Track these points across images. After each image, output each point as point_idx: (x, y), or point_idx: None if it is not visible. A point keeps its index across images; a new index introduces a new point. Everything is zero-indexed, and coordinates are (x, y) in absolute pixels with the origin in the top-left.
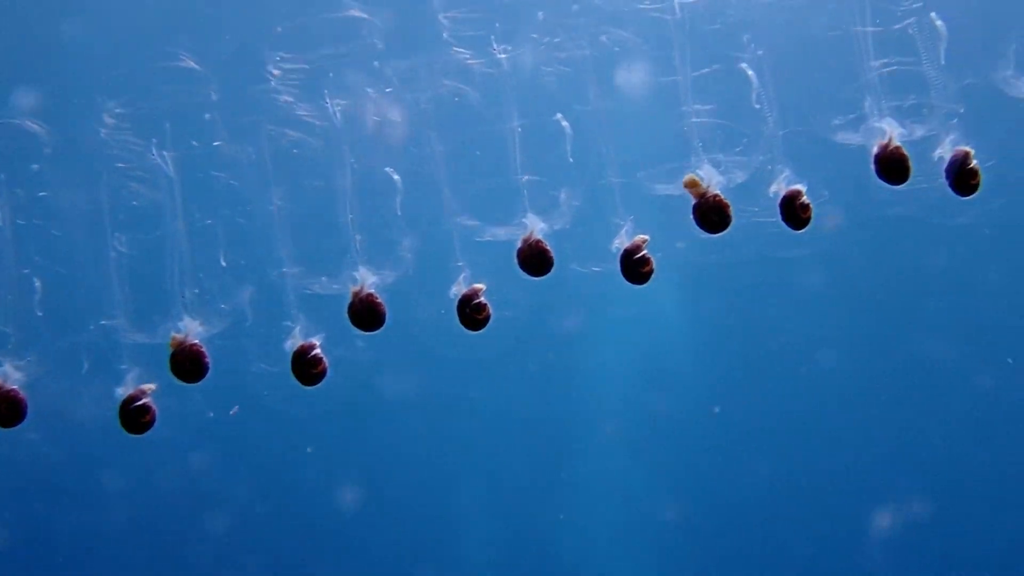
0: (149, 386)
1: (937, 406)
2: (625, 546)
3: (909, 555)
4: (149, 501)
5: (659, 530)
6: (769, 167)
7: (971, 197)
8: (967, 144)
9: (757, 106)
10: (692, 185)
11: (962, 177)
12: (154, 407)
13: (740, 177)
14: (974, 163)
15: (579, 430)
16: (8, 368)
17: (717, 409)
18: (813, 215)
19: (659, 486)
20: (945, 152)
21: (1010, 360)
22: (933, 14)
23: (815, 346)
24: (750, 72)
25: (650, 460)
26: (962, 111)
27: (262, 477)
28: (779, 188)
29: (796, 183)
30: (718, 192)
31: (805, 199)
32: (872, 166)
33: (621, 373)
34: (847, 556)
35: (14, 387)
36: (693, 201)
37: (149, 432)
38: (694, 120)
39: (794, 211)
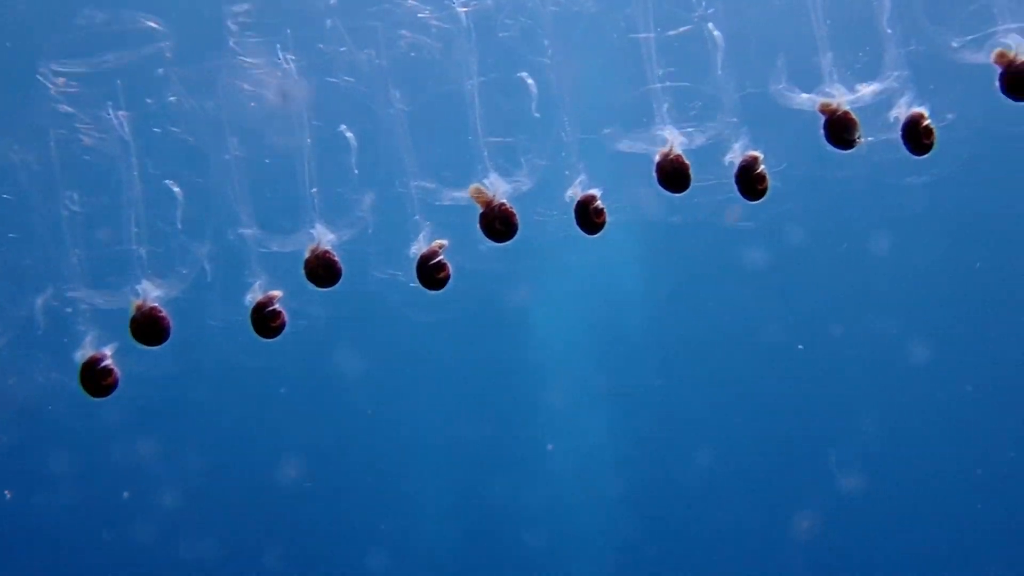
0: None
1: (879, 381)
2: (575, 521)
3: (849, 528)
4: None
5: (608, 504)
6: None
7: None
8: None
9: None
10: (477, 194)
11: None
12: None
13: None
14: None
15: (531, 400)
16: None
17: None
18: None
19: (608, 460)
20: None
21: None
22: (711, 25)
23: (762, 323)
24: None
25: (601, 433)
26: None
27: (214, 445)
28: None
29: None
30: (504, 201)
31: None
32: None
33: (573, 340)
34: (789, 530)
35: None
36: (480, 210)
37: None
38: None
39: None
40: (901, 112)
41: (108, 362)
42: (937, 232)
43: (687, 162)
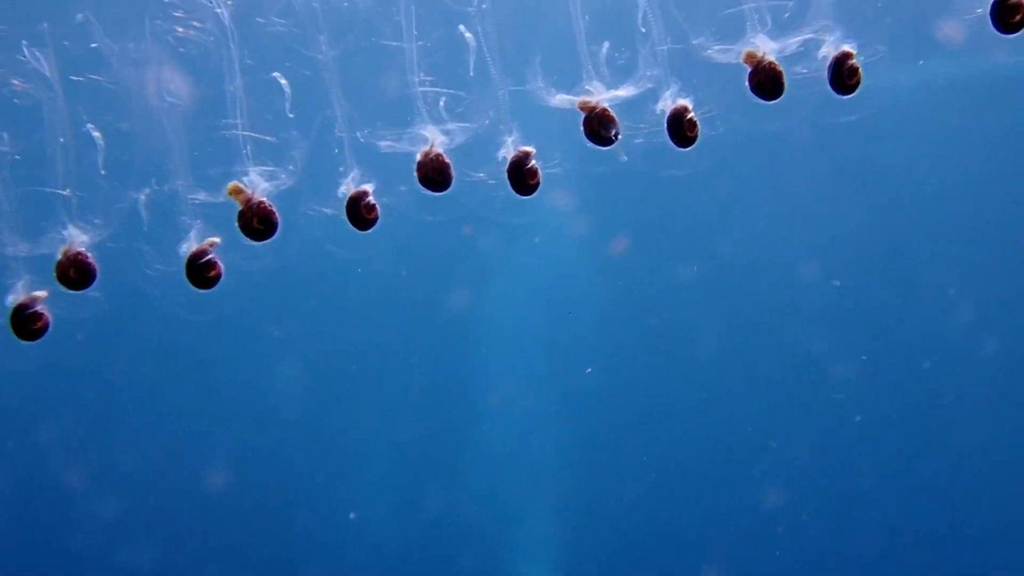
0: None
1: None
2: (522, 512)
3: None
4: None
5: (551, 512)
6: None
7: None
8: None
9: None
10: (235, 192)
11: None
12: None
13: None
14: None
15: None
16: None
17: (589, 369)
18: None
19: (553, 466)
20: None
21: (864, 357)
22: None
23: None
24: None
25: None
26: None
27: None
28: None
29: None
30: (263, 199)
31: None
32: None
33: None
34: (737, 520)
35: None
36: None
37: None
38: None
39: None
40: (667, 104)
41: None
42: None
43: (447, 161)
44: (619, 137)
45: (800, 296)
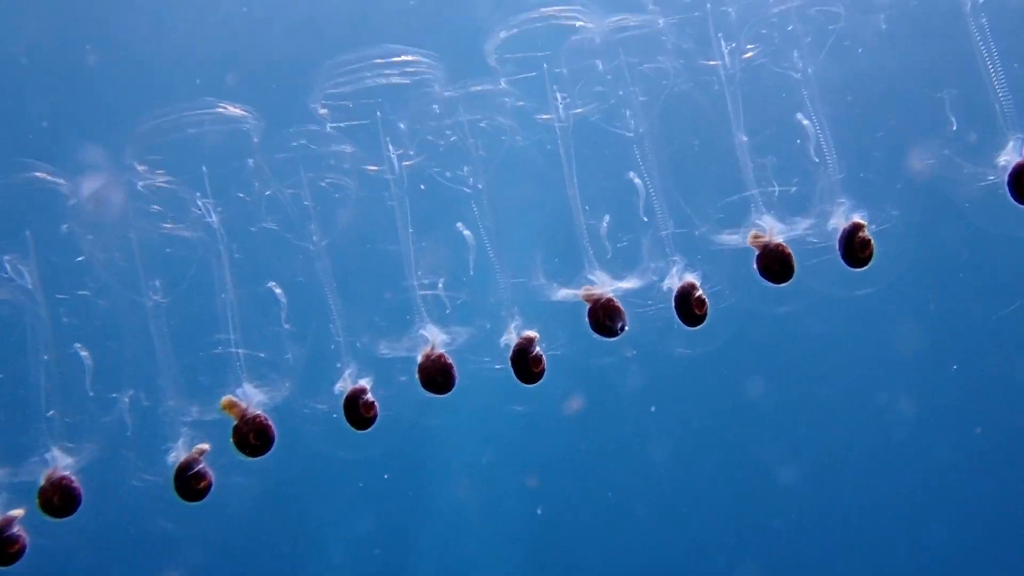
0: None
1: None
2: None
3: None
4: None
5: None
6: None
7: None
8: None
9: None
10: (230, 406)
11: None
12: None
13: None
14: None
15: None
16: None
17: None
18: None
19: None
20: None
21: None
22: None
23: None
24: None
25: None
26: None
27: None
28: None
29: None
30: (259, 412)
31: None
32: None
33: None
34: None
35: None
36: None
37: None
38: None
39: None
40: (673, 282)
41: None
42: None
43: (450, 362)
44: (625, 329)
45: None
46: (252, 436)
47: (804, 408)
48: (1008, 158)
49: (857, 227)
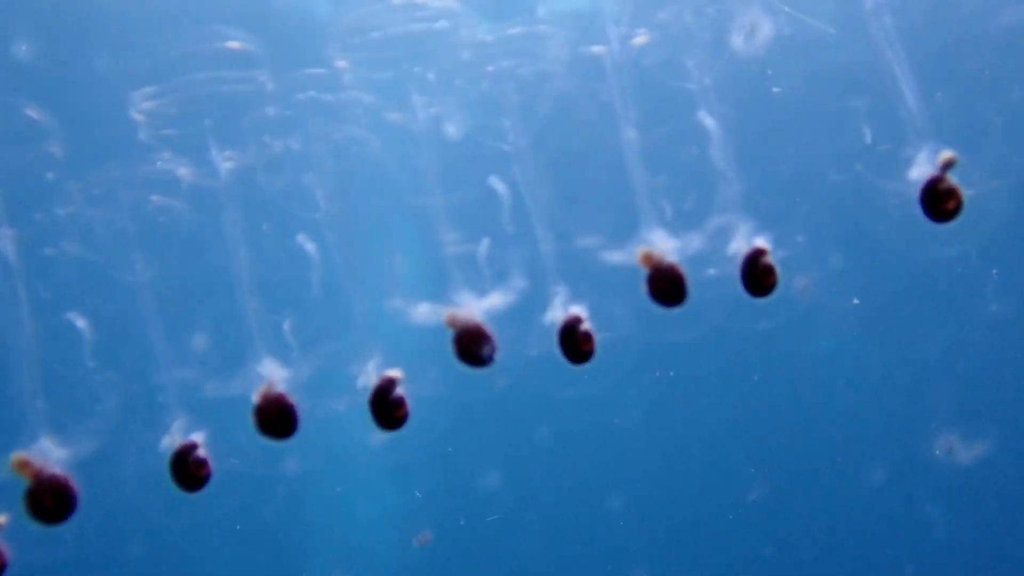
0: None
1: None
2: None
3: None
4: None
5: None
6: None
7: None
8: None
9: None
10: (21, 467)
11: None
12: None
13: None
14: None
15: None
16: None
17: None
18: None
19: None
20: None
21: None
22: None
23: None
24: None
25: None
26: None
27: None
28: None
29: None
30: (56, 471)
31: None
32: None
33: None
34: None
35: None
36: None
37: None
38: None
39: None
40: (557, 314)
41: None
42: None
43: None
44: (495, 358)
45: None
46: (48, 498)
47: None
48: (921, 171)
49: (759, 253)
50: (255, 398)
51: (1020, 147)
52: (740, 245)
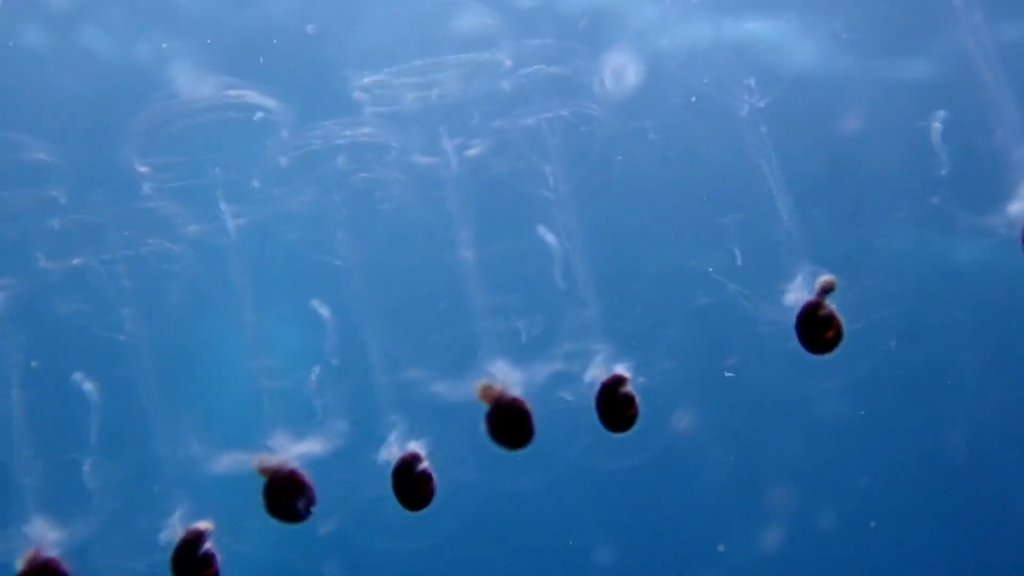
0: None
1: None
2: None
3: None
4: None
5: None
6: None
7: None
8: None
9: None
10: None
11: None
12: None
13: None
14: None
15: None
16: None
17: None
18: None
19: None
20: None
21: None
22: None
23: None
24: None
25: None
26: None
27: None
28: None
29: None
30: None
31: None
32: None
33: None
34: None
35: None
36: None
37: None
38: None
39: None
40: (392, 453)
41: None
42: None
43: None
44: (313, 511)
45: None
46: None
47: None
48: (797, 296)
49: (619, 381)
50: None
51: (903, 274)
52: (597, 372)
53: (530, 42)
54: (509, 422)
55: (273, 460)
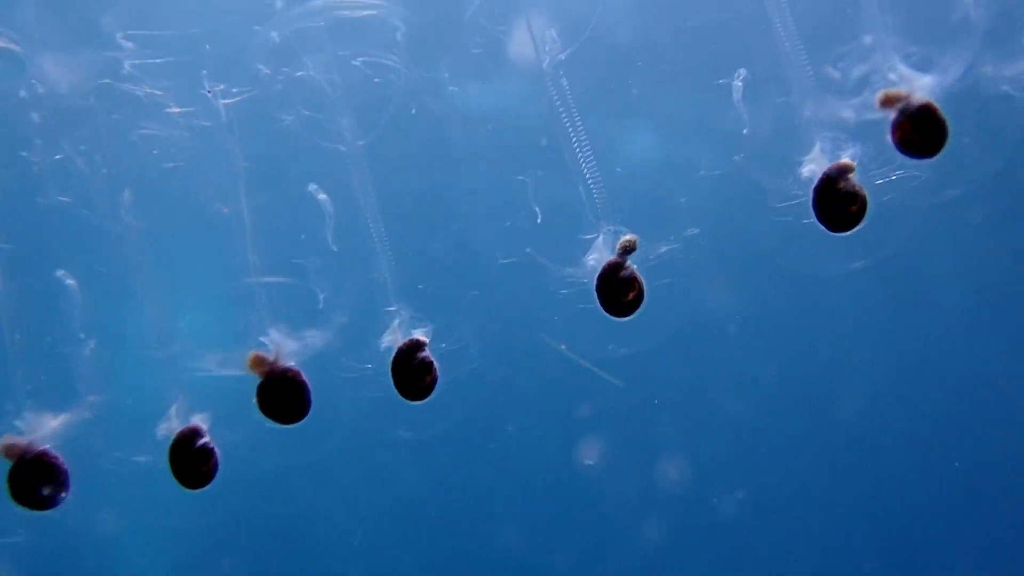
0: None
1: None
2: None
3: None
4: None
5: None
6: None
7: None
8: None
9: None
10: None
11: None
12: None
13: None
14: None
15: None
16: None
17: None
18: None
19: None
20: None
21: None
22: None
23: None
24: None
25: None
26: None
27: None
28: None
29: None
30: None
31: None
32: None
33: None
34: None
35: None
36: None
37: None
38: None
39: None
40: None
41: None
42: None
43: None
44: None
45: None
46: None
47: None
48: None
49: (416, 346)
50: None
51: None
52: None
53: None
54: (282, 394)
55: (19, 442)
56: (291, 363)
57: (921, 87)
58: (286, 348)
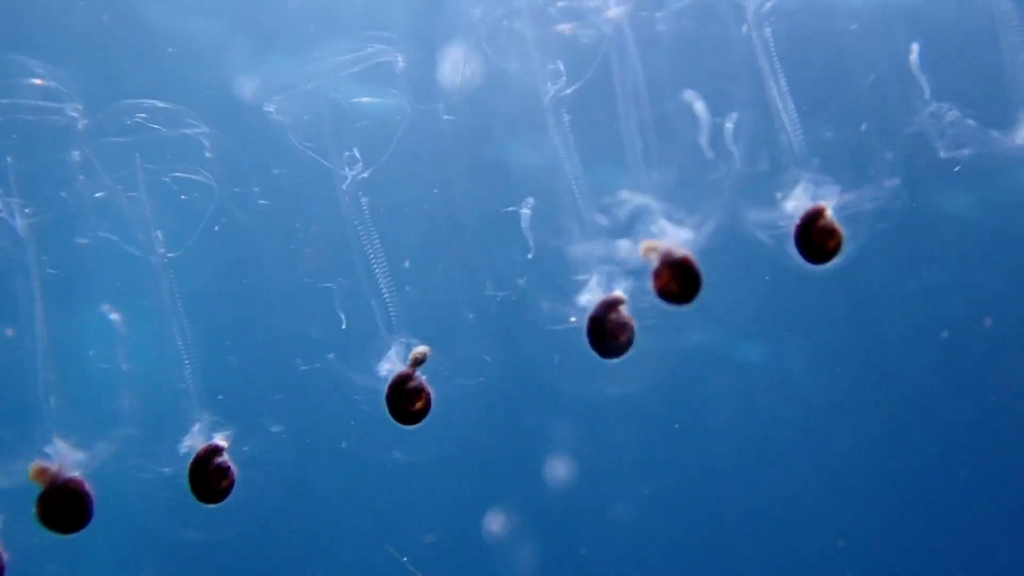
0: None
1: None
2: None
3: None
4: None
5: None
6: None
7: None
8: None
9: None
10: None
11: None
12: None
13: None
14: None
15: None
16: None
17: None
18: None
19: None
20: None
21: None
22: None
23: None
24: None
25: None
26: None
27: None
28: None
29: None
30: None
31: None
32: None
33: None
34: None
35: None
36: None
37: None
38: None
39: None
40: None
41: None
42: None
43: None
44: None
45: None
46: (64, 506)
47: None
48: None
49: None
50: None
51: None
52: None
53: None
54: (63, 504)
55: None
56: (75, 473)
57: (680, 240)
58: (70, 458)
